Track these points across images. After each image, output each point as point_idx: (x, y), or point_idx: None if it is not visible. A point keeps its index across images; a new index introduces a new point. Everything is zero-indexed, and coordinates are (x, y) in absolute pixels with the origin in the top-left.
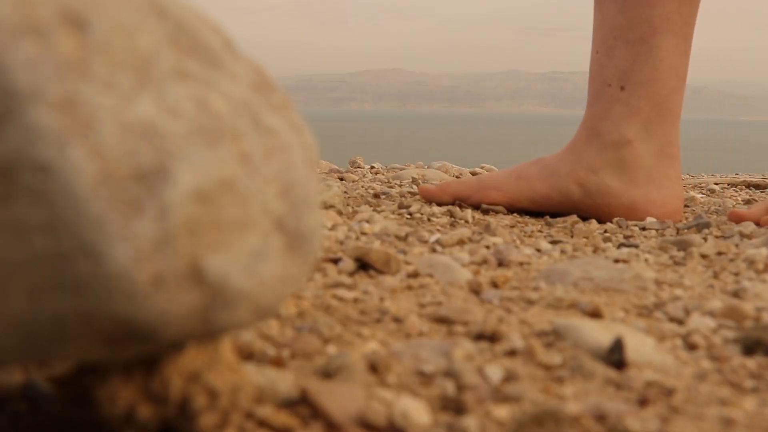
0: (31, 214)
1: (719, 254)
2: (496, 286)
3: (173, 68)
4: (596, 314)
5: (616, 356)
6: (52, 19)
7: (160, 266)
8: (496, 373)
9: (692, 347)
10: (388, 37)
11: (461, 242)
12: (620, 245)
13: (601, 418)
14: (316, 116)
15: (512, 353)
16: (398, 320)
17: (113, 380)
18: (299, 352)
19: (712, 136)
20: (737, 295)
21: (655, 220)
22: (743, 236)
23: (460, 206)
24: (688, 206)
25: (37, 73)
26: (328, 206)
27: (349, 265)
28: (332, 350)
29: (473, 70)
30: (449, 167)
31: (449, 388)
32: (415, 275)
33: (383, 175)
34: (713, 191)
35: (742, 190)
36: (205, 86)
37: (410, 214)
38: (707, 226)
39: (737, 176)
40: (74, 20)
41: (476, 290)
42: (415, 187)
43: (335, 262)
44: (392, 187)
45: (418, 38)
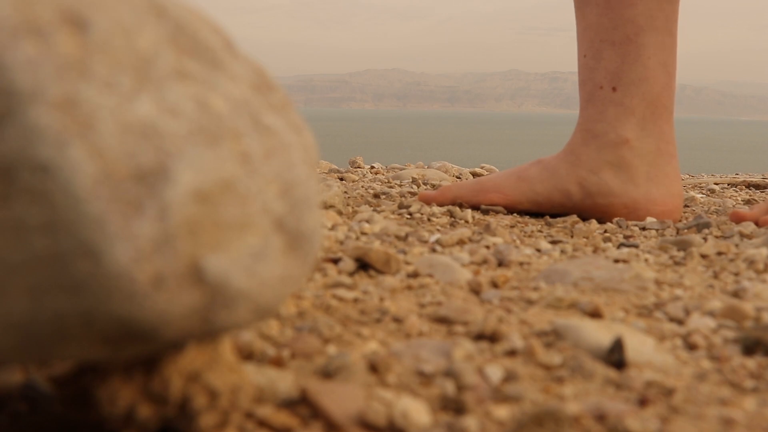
0: (31, 214)
1: (719, 254)
2: (496, 286)
3: (173, 68)
4: (596, 314)
5: (616, 356)
6: (52, 19)
7: (160, 266)
8: (496, 373)
9: (692, 347)
10: (388, 37)
11: (461, 242)
12: (620, 245)
13: (601, 418)
14: (316, 116)
15: (512, 353)
16: (398, 320)
17: (113, 380)
18: (299, 352)
19: (712, 136)
20: (737, 295)
21: (655, 220)
22: (743, 236)
23: (460, 206)
24: (688, 206)
25: (37, 73)
26: (328, 206)
27: (349, 265)
28: (332, 350)
29: (473, 70)
30: (449, 167)
31: (449, 388)
32: (415, 275)
33: (383, 175)
34: (713, 191)
35: (742, 190)
36: (205, 86)
37: (410, 214)
38: (707, 226)
39: (737, 176)
40: (74, 20)
41: (476, 290)
42: (415, 187)
43: (335, 262)
44: (392, 187)
45: (418, 38)
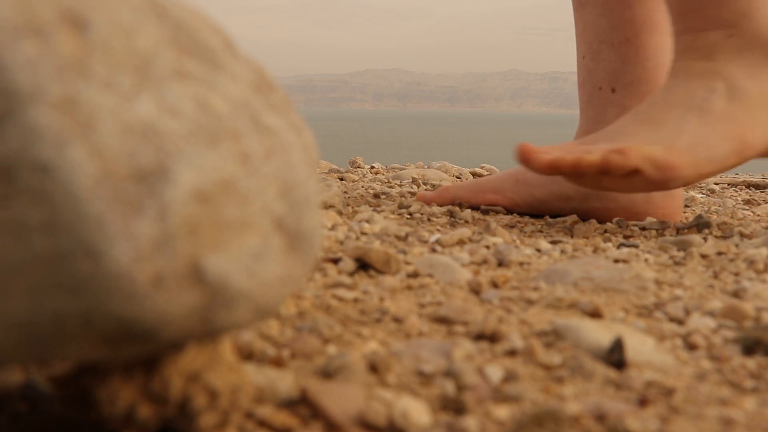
0: (31, 214)
1: (719, 254)
2: (496, 286)
3: (173, 68)
4: (596, 314)
5: (616, 356)
6: (52, 19)
7: (160, 266)
8: (496, 373)
9: (692, 347)
10: (388, 37)
11: (461, 242)
12: (620, 245)
13: (601, 418)
14: (316, 116)
15: (512, 353)
16: (398, 320)
17: (113, 380)
18: (299, 352)
19: None
20: (737, 295)
21: (655, 220)
22: (743, 236)
23: (459, 206)
24: (688, 206)
25: (37, 73)
26: (328, 206)
27: (349, 265)
28: (332, 350)
29: (473, 70)
30: (449, 167)
31: (449, 388)
32: (415, 275)
33: (383, 175)
34: (713, 191)
35: (742, 190)
36: (205, 86)
37: (410, 214)
38: (707, 226)
39: (737, 176)
40: (74, 20)
41: (476, 290)
42: (415, 187)
43: (335, 262)
44: (392, 187)
45: (418, 38)
